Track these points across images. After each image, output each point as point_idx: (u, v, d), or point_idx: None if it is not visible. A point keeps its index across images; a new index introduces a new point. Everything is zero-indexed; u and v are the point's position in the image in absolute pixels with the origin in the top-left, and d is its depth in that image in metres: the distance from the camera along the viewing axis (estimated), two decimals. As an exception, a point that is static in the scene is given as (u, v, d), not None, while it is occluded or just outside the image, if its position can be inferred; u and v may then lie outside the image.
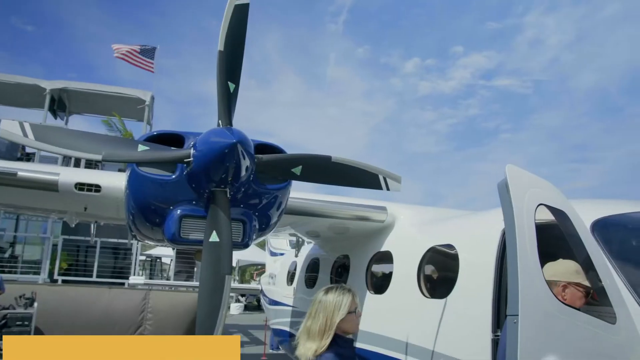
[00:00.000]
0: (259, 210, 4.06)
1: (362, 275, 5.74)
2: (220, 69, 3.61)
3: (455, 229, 4.77)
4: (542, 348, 2.30)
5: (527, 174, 2.66)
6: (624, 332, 2.62)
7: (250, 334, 19.17)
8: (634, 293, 2.81)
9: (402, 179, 4.10)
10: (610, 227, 3.31)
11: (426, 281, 4.68)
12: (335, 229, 6.17)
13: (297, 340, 3.17)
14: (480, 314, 3.63)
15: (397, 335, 4.72)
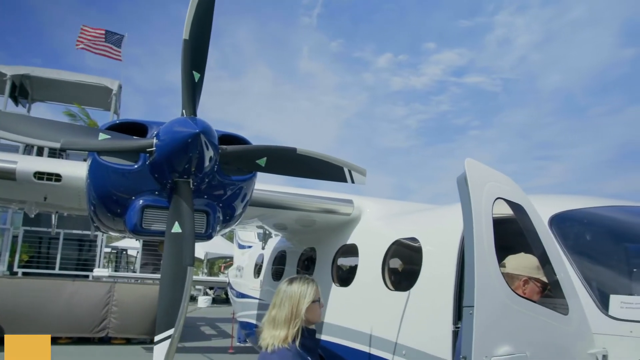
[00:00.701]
0: (223, 201, 4.02)
1: (327, 268, 5.76)
2: (185, 58, 3.55)
3: (420, 222, 4.82)
4: (496, 338, 2.35)
5: (485, 168, 2.70)
6: (575, 323, 2.71)
7: (218, 327, 19.04)
8: (587, 285, 2.90)
9: (367, 172, 4.11)
10: (567, 222, 3.40)
11: (390, 274, 4.72)
12: (303, 221, 6.17)
13: (260, 329, 3.19)
14: (442, 306, 3.69)
15: (361, 328, 4.75)
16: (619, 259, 3.36)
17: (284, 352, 2.96)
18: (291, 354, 2.95)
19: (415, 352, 3.94)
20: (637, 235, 3.55)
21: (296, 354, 2.97)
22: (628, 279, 3.05)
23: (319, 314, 3.26)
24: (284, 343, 2.99)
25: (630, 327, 2.63)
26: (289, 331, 3.03)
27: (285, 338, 3.02)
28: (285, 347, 2.99)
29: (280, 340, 3.00)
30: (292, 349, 2.99)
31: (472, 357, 2.21)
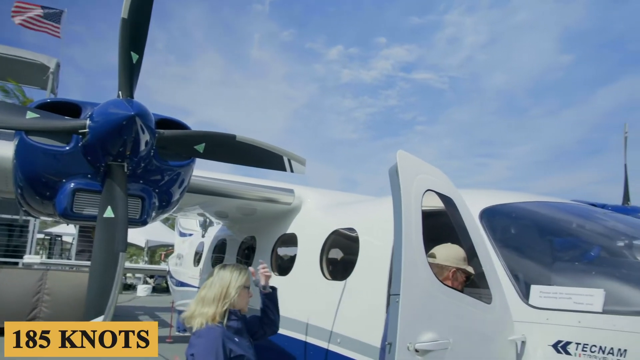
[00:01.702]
0: (160, 187, 3.94)
1: (267, 257, 5.76)
2: (123, 38, 3.42)
3: (358, 213, 4.90)
4: (421, 325, 2.43)
5: (417, 160, 2.78)
6: (498, 311, 2.84)
7: (157, 316, 18.66)
8: (511, 276, 3.04)
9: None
10: (496, 215, 3.55)
11: (328, 263, 4.78)
12: (244, 210, 6.13)
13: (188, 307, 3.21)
14: (377, 295, 3.77)
15: (298, 317, 4.79)
16: (541, 251, 3.54)
17: (210, 331, 2.99)
18: (218, 333, 2.98)
19: (350, 340, 4.01)
20: (559, 229, 3.77)
21: (223, 334, 3.00)
22: (548, 270, 3.22)
23: (247, 301, 3.34)
24: (212, 322, 3.03)
25: (547, 314, 2.78)
26: (217, 310, 3.08)
27: (213, 317, 3.07)
28: (213, 326, 3.02)
29: (209, 318, 3.05)
30: (219, 328, 3.02)
31: (396, 343, 2.28)
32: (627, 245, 3.53)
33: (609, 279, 2.89)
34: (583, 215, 3.87)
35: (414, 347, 2.33)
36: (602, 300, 2.63)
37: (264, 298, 3.62)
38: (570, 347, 2.61)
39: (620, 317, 2.52)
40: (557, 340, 2.67)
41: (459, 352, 2.56)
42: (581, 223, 3.75)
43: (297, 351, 4.74)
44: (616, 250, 3.44)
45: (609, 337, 2.49)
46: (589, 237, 3.64)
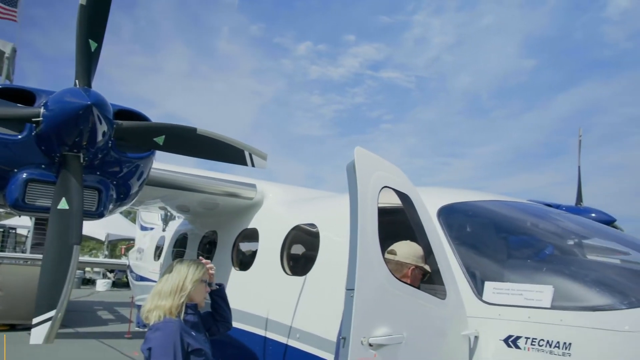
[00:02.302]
0: (118, 179, 3.86)
1: (228, 252, 5.72)
2: (81, 24, 3.33)
3: (319, 208, 4.91)
4: (375, 320, 2.46)
5: (375, 157, 2.81)
6: (452, 307, 2.91)
7: (117, 312, 18.36)
8: (466, 273, 3.12)
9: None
10: (454, 213, 3.62)
11: (289, 259, 4.78)
12: (205, 204, 6.06)
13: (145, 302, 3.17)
14: (335, 291, 3.78)
15: (258, 312, 4.78)
16: (496, 249, 3.63)
17: (167, 324, 2.96)
18: (175, 327, 2.95)
19: (309, 335, 4.02)
20: (514, 227, 3.87)
21: (180, 328, 2.97)
22: (502, 267, 3.31)
23: (204, 295, 3.32)
24: (169, 315, 3.01)
25: (499, 310, 2.86)
26: (173, 302, 3.06)
27: (169, 310, 3.04)
28: (170, 320, 2.99)
29: (166, 311, 3.02)
30: (176, 322, 3.00)
31: (350, 337, 2.30)
32: (577, 244, 3.66)
33: (558, 276, 3.00)
34: (537, 215, 3.99)
35: (367, 342, 2.36)
36: (551, 296, 2.72)
37: (213, 295, 3.60)
38: (520, 342, 2.69)
39: (567, 312, 2.62)
40: (508, 335, 2.75)
41: (412, 347, 2.61)
42: (535, 222, 3.86)
43: (256, 346, 4.72)
44: (566, 249, 3.56)
45: (555, 331, 2.58)
46: (541, 236, 3.75)
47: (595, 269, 3.23)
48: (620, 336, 2.40)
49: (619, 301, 2.62)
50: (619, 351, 2.38)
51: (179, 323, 3.02)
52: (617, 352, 2.38)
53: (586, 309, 2.61)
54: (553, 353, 2.54)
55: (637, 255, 3.58)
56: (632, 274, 3.20)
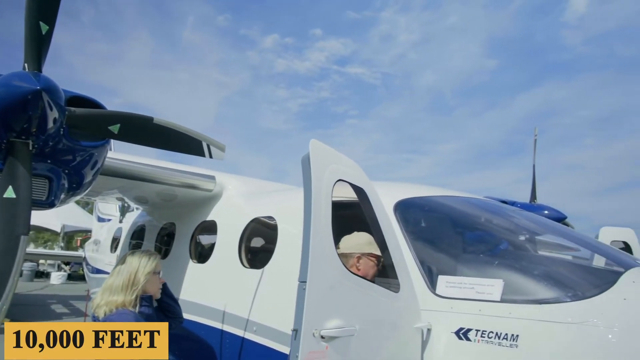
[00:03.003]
0: (70, 167, 3.74)
1: (186, 244, 5.65)
2: (31, 6, 3.19)
3: (278, 201, 4.89)
4: (327, 312, 2.47)
5: (330, 150, 2.81)
6: (405, 300, 2.95)
7: (71, 305, 17.86)
8: (420, 266, 3.16)
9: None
10: (410, 208, 3.66)
11: (247, 251, 4.75)
12: (164, 195, 5.96)
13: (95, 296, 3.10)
14: (293, 283, 3.78)
15: (216, 305, 4.73)
16: (450, 244, 3.71)
17: (122, 316, 2.91)
18: (130, 318, 2.91)
19: (266, 328, 4.01)
20: (468, 223, 3.96)
21: (135, 319, 2.92)
22: (455, 262, 3.38)
23: (158, 286, 3.27)
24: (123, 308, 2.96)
25: (451, 303, 2.92)
26: (125, 298, 3.00)
27: (122, 304, 2.97)
28: (124, 311, 2.94)
29: (118, 306, 2.96)
30: (131, 313, 2.95)
31: (302, 329, 2.31)
32: (529, 240, 3.77)
33: (508, 271, 3.07)
34: (492, 211, 4.08)
35: (319, 334, 2.37)
36: (501, 290, 2.79)
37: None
38: (470, 334, 2.75)
39: (515, 305, 2.70)
40: (460, 327, 2.81)
41: (365, 339, 2.63)
42: (489, 218, 3.95)
43: (213, 339, 4.69)
44: (518, 244, 3.66)
45: (504, 324, 2.65)
46: (494, 232, 3.85)
47: (544, 264, 3.33)
48: (564, 327, 2.48)
49: (564, 294, 2.70)
50: (563, 342, 2.46)
51: (133, 314, 2.97)
52: (561, 342, 2.47)
53: (533, 302, 2.69)
54: (501, 345, 2.61)
55: (584, 252, 3.71)
56: (578, 268, 3.32)
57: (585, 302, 2.57)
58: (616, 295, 2.56)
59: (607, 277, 2.84)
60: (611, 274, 2.85)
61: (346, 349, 2.53)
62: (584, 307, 2.53)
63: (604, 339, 2.36)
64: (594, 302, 2.54)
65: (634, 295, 2.54)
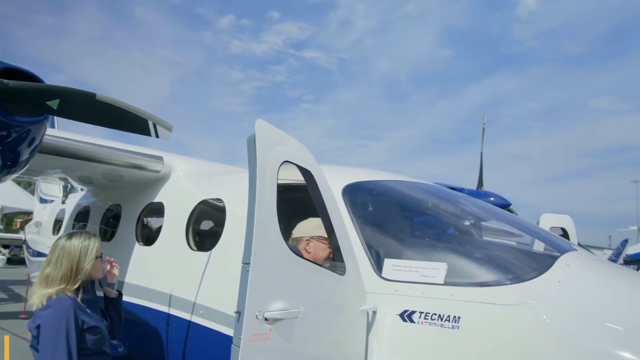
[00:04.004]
0: (4, 144, 3.52)
1: (132, 226, 5.50)
2: None
3: (226, 183, 4.82)
4: (271, 295, 2.45)
5: (277, 130, 2.77)
6: (350, 283, 2.97)
7: (11, 290, 17.22)
8: (367, 250, 3.19)
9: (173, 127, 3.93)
10: (359, 192, 3.68)
11: (195, 234, 4.67)
12: (110, 176, 5.76)
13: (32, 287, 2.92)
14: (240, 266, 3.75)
15: (162, 288, 4.64)
16: (397, 228, 3.76)
17: (60, 302, 2.76)
18: (69, 304, 2.76)
19: (212, 311, 3.96)
20: (416, 207, 4.02)
21: (74, 305, 2.79)
22: (401, 245, 3.42)
23: (102, 269, 3.13)
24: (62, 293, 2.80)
25: (396, 286, 2.96)
26: (67, 287, 2.83)
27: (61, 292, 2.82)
28: (63, 297, 2.79)
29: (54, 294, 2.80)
30: (70, 299, 2.80)
31: (245, 312, 2.28)
32: (474, 225, 3.87)
33: (452, 254, 3.15)
34: (439, 196, 4.16)
35: (263, 316, 2.35)
36: (445, 273, 2.86)
37: (106, 302, 3.37)
38: (414, 316, 2.81)
39: (458, 288, 2.77)
40: (404, 309, 2.85)
41: (309, 321, 2.63)
42: (436, 203, 4.02)
43: (159, 323, 4.60)
44: (463, 229, 3.75)
45: (447, 306, 2.71)
46: (441, 216, 3.93)
47: (486, 248, 3.43)
48: (503, 309, 2.57)
49: (504, 278, 2.80)
50: (502, 323, 2.55)
51: (72, 300, 2.82)
52: (500, 323, 2.55)
53: (475, 285, 2.76)
54: (444, 326, 2.67)
55: (525, 237, 3.84)
56: (518, 253, 3.43)
57: (523, 284, 2.66)
58: (552, 278, 2.66)
59: (544, 261, 2.94)
60: (548, 258, 2.96)
61: (290, 331, 2.52)
62: (521, 290, 2.62)
63: (539, 320, 2.46)
64: (531, 285, 2.64)
65: (567, 278, 2.66)
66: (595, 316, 2.42)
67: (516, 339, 2.48)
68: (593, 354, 2.30)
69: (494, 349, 2.52)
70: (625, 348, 2.25)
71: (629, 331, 2.33)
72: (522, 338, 2.47)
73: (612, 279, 2.79)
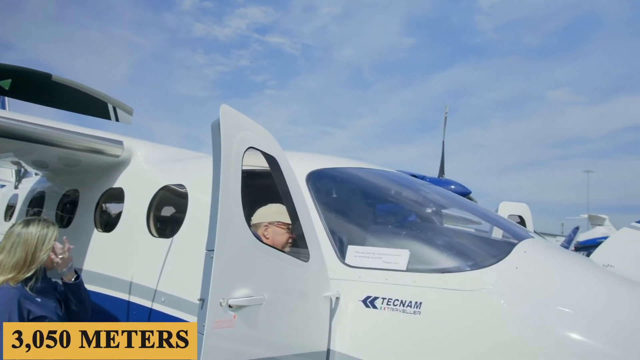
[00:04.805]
0: None
1: (91, 212, 5.34)
2: None
3: (189, 169, 4.74)
4: (235, 282, 2.44)
5: (242, 116, 2.74)
6: (314, 269, 2.99)
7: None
8: (330, 236, 3.21)
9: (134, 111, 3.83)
10: (323, 179, 3.69)
11: (156, 220, 4.58)
12: (66, 160, 5.56)
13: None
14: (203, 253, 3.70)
15: (122, 275, 4.55)
16: (360, 214, 3.79)
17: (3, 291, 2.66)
18: (12, 294, 2.66)
19: (174, 298, 3.92)
20: (379, 194, 4.06)
21: (20, 294, 2.69)
22: (364, 232, 3.46)
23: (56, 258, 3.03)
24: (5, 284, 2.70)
25: (359, 272, 2.99)
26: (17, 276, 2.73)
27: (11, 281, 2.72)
28: (7, 287, 2.68)
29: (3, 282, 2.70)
30: (14, 289, 2.70)
31: (209, 299, 2.27)
32: (435, 212, 3.94)
33: (414, 241, 3.22)
34: (402, 184, 4.21)
35: (227, 303, 2.34)
36: (407, 259, 2.91)
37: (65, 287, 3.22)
38: (377, 302, 2.85)
39: (420, 274, 2.82)
40: (367, 295, 2.89)
41: (273, 308, 2.64)
42: (399, 191, 4.08)
43: (119, 311, 4.51)
44: (425, 217, 3.82)
45: (409, 292, 2.77)
46: (404, 204, 3.98)
47: (447, 235, 3.51)
48: (463, 295, 2.64)
49: (464, 264, 2.87)
50: (462, 308, 2.62)
51: (18, 290, 2.71)
52: (460, 308, 2.62)
53: (436, 271, 2.83)
54: (405, 312, 2.72)
55: (485, 225, 3.95)
56: (478, 240, 3.52)
57: (482, 271, 2.74)
58: (509, 265, 2.75)
59: (502, 248, 3.03)
60: (506, 245, 3.05)
61: (255, 318, 2.52)
62: (481, 276, 2.70)
63: (497, 305, 2.54)
64: (490, 271, 2.72)
65: (524, 264, 2.76)
66: (549, 300, 2.53)
67: (476, 323, 2.56)
68: (546, 335, 2.40)
69: (454, 334, 2.59)
70: (575, 330, 2.36)
71: (579, 313, 2.44)
72: (481, 322, 2.54)
73: (565, 265, 2.91)
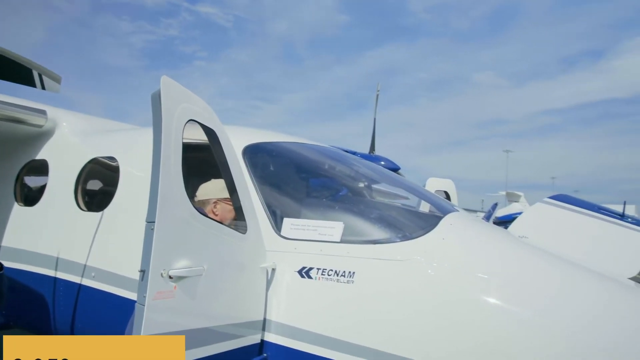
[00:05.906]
0: None
1: (11, 185, 5.06)
2: None
3: (120, 141, 4.61)
4: (176, 253, 2.46)
5: (182, 88, 2.72)
6: (252, 241, 3.05)
7: None
8: (267, 209, 3.27)
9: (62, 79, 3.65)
10: (259, 153, 3.73)
11: (84, 194, 4.43)
12: (-18, 130, 5.22)
13: None
14: (135, 226, 3.64)
15: (48, 251, 4.39)
16: (296, 188, 3.88)
17: None
18: None
19: (105, 273, 3.85)
20: (314, 169, 4.16)
21: None
22: (300, 205, 3.55)
23: None
24: None
25: (295, 244, 3.09)
26: None
27: None
28: None
29: None
30: None
31: (149, 270, 2.28)
32: (367, 186, 4.10)
33: (348, 214, 3.35)
34: (336, 159, 4.33)
35: (167, 274, 2.36)
36: (341, 231, 3.04)
37: None
38: (312, 272, 2.96)
39: (353, 245, 2.96)
40: (302, 266, 3.00)
41: (213, 278, 2.68)
42: (333, 165, 4.19)
43: (45, 289, 4.37)
44: (357, 190, 3.96)
45: (342, 262, 2.90)
46: (337, 178, 4.11)
47: (379, 208, 3.67)
48: (393, 264, 2.80)
49: (394, 235, 3.04)
50: (392, 277, 2.79)
51: None
52: (391, 277, 2.79)
53: (368, 242, 2.97)
54: (339, 281, 2.85)
55: (413, 199, 4.15)
56: (407, 213, 3.72)
57: (412, 242, 2.92)
58: (436, 236, 2.94)
59: (430, 220, 3.22)
60: (434, 218, 3.25)
61: (194, 289, 2.56)
62: (410, 247, 2.87)
63: (425, 274, 2.72)
64: (419, 242, 2.90)
65: (449, 236, 2.96)
66: (470, 268, 2.74)
67: (405, 290, 2.73)
68: (468, 300, 2.60)
69: (386, 301, 2.75)
70: (492, 294, 2.58)
71: (497, 278, 2.67)
72: (410, 290, 2.72)
73: (486, 237, 3.16)
